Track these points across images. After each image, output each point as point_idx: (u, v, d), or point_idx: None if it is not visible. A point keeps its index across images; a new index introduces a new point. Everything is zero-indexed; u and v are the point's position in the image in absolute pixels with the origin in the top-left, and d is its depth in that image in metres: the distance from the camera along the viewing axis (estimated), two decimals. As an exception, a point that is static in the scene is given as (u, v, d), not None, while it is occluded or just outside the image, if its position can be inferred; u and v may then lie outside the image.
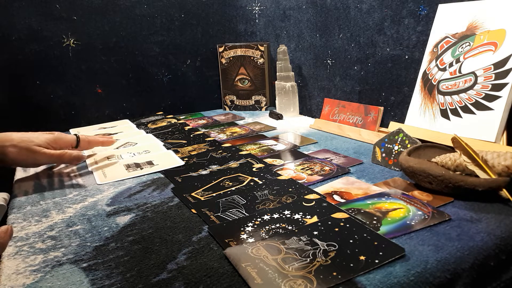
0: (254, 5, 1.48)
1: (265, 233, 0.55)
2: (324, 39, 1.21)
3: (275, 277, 0.45)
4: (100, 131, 1.21)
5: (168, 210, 0.66)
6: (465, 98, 0.80)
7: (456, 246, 0.50)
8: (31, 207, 0.70)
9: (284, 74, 1.30)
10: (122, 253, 0.53)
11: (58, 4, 1.21)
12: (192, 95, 1.51)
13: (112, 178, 0.82)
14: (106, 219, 0.64)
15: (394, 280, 0.44)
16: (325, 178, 0.75)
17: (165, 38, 1.41)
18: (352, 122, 1.07)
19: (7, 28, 1.16)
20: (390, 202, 0.63)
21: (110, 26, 1.30)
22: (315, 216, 0.59)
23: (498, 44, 0.76)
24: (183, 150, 0.99)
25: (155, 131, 1.19)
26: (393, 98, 1.01)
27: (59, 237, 0.59)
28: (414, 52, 0.94)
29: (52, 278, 0.49)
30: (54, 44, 1.23)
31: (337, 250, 0.50)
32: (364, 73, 1.08)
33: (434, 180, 0.64)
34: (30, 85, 1.22)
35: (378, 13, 1.01)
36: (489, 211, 0.59)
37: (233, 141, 1.06)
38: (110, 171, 0.86)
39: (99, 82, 1.32)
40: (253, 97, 1.45)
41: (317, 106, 1.30)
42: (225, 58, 1.44)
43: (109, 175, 0.83)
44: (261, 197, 0.68)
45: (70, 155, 0.84)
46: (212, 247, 0.53)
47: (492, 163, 0.63)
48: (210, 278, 0.46)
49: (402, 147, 0.78)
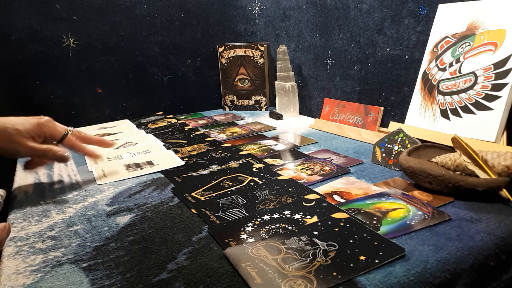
0: (254, 5, 1.48)
1: (265, 233, 0.55)
2: (324, 39, 1.21)
3: (275, 277, 0.45)
4: (100, 131, 1.21)
5: (168, 210, 0.66)
6: (465, 98, 0.80)
7: (456, 246, 0.50)
8: (31, 207, 0.70)
9: (284, 74, 1.30)
10: (122, 253, 0.53)
11: (58, 4, 1.21)
12: (192, 95, 1.51)
13: (112, 178, 0.82)
14: (106, 219, 0.64)
15: (394, 280, 0.44)
16: (325, 178, 0.75)
17: (165, 38, 1.41)
18: (352, 122, 1.07)
19: (7, 28, 1.16)
20: (390, 202, 0.63)
21: (110, 26, 1.30)
22: (315, 216, 0.59)
23: (498, 44, 0.76)
24: (183, 150, 0.99)
25: (155, 131, 1.19)
26: (393, 98, 1.01)
27: (59, 237, 0.59)
28: (414, 52, 0.94)
29: (52, 278, 0.49)
30: (54, 44, 1.23)
31: (337, 250, 0.50)
32: (364, 73, 1.08)
33: (434, 180, 0.64)
34: (30, 85, 1.22)
35: (378, 13, 1.01)
36: (489, 211, 0.59)
37: (233, 141, 1.06)
38: (110, 171, 0.86)
39: (99, 82, 1.32)
40: (253, 97, 1.45)
41: (317, 106, 1.30)
42: (225, 58, 1.44)
43: (109, 175, 0.83)
44: (261, 197, 0.68)
45: (55, 153, 0.75)
46: (212, 247, 0.53)
47: (492, 163, 0.63)
48: (210, 278, 0.46)
49: (402, 147, 0.78)
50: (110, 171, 0.86)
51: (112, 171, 0.86)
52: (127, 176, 0.83)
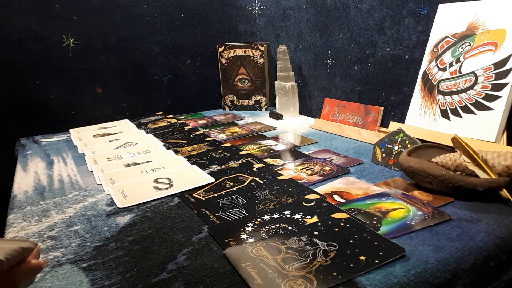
0: (254, 5, 1.48)
1: (265, 233, 0.55)
2: (324, 39, 1.21)
3: (275, 277, 0.45)
4: (100, 131, 1.21)
5: (168, 210, 0.66)
6: (465, 98, 0.80)
7: (456, 246, 0.50)
8: (31, 207, 0.70)
9: (284, 74, 1.30)
10: (122, 253, 0.53)
11: (58, 4, 1.21)
12: (192, 95, 1.51)
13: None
14: (106, 219, 0.64)
15: (394, 280, 0.44)
16: (325, 178, 0.75)
17: (165, 38, 1.41)
18: (352, 122, 1.07)
19: (7, 28, 1.16)
20: (390, 202, 0.63)
21: (110, 26, 1.30)
22: (315, 216, 0.59)
23: (498, 44, 0.76)
24: (183, 150, 0.99)
25: (155, 131, 1.19)
26: (393, 98, 1.01)
27: (59, 237, 0.59)
28: (414, 52, 0.94)
29: (52, 278, 0.49)
30: (54, 44, 1.23)
31: (337, 250, 0.50)
32: (364, 73, 1.08)
33: (434, 180, 0.64)
34: (30, 85, 1.22)
35: (378, 13, 1.01)
36: (489, 211, 0.59)
37: (233, 141, 1.06)
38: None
39: (99, 82, 1.32)
40: (253, 97, 1.45)
41: (317, 106, 1.30)
42: (225, 58, 1.44)
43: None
44: (261, 197, 0.68)
45: None
46: (212, 247, 0.53)
47: (492, 163, 0.63)
48: (210, 278, 0.46)
49: (402, 147, 0.78)
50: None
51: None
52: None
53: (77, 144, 1.08)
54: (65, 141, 1.13)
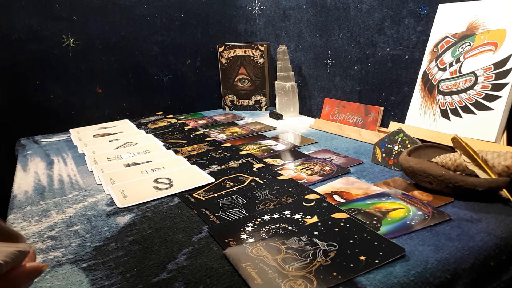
0: (254, 5, 1.48)
1: (265, 233, 0.55)
2: (324, 39, 1.21)
3: (275, 277, 0.45)
4: (100, 131, 1.21)
5: (168, 210, 0.66)
6: (465, 98, 0.80)
7: (456, 246, 0.50)
8: (31, 207, 0.70)
9: (284, 74, 1.30)
10: (122, 253, 0.53)
11: (58, 4, 1.21)
12: (192, 95, 1.51)
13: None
14: (106, 219, 0.64)
15: (394, 280, 0.44)
16: (325, 178, 0.75)
17: (165, 38, 1.41)
18: (352, 122, 1.07)
19: (7, 28, 1.16)
20: (390, 202, 0.63)
21: (110, 26, 1.30)
22: (315, 216, 0.59)
23: (498, 44, 0.76)
24: (183, 150, 0.99)
25: (155, 131, 1.19)
26: (393, 98, 1.01)
27: (59, 237, 0.59)
28: (414, 52, 0.94)
29: (52, 278, 0.49)
30: (54, 44, 1.23)
31: (337, 250, 0.50)
32: (364, 73, 1.08)
33: (434, 180, 0.64)
34: (30, 85, 1.22)
35: (378, 13, 1.01)
36: (489, 211, 0.59)
37: (233, 141, 1.06)
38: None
39: (99, 82, 1.32)
40: (253, 97, 1.45)
41: (317, 106, 1.30)
42: (225, 58, 1.44)
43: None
44: (261, 197, 0.68)
45: None
46: (212, 247, 0.53)
47: (492, 163, 0.63)
48: (210, 278, 0.46)
49: (402, 147, 0.78)
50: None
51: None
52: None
53: (77, 144, 1.08)
54: (65, 141, 1.13)
